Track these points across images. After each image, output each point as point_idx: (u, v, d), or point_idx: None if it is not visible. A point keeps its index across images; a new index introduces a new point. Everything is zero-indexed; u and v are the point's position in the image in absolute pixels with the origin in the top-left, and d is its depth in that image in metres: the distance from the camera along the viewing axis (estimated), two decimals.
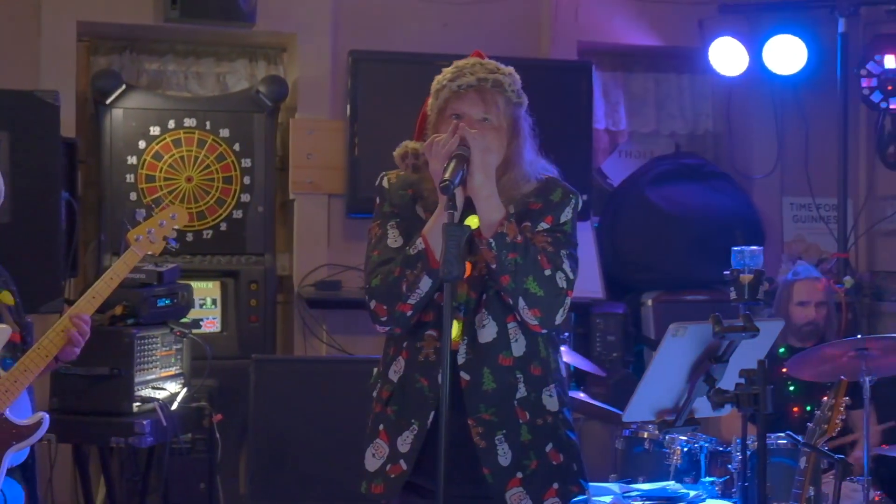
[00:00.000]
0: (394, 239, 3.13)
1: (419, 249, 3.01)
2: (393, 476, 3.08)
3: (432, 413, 3.03)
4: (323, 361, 5.81)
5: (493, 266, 2.99)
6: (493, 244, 2.97)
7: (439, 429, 2.81)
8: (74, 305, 3.85)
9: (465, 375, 3.04)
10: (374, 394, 3.18)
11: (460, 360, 3.03)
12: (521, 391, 3.07)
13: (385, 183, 3.21)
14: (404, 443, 3.07)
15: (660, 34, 6.74)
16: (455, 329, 3.03)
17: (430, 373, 3.05)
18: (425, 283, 3.01)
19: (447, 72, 3.14)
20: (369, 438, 3.15)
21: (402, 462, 3.07)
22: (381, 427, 3.13)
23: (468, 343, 3.05)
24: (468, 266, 3.02)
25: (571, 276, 3.06)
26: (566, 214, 3.12)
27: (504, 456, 3.05)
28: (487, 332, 3.06)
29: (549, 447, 3.10)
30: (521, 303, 3.00)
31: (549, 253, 3.04)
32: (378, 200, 3.21)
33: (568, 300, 3.05)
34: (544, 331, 3.08)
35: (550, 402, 3.11)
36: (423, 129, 3.20)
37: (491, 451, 3.04)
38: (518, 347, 3.08)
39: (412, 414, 3.07)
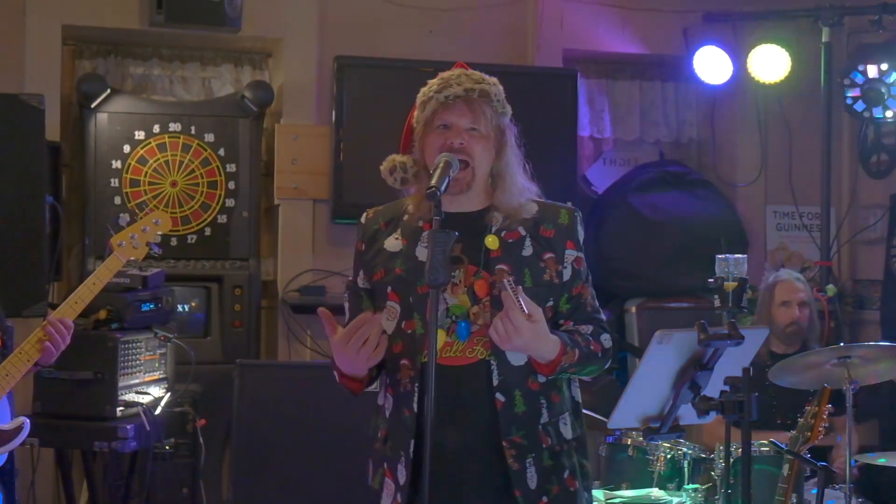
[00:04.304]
0: (346, 313, 3.19)
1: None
2: None
3: (412, 441, 3.03)
4: (307, 367, 5.78)
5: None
6: (556, 377, 3.07)
7: (423, 443, 2.84)
8: (56, 310, 3.84)
9: (500, 397, 3.02)
10: (377, 434, 3.16)
11: (495, 381, 3.02)
12: (545, 416, 3.08)
13: (363, 219, 3.23)
14: (401, 476, 3.07)
15: (645, 42, 6.76)
16: (440, 338, 3.00)
17: (409, 403, 3.05)
18: None
19: (433, 83, 3.13)
20: (380, 479, 3.14)
21: (398, 495, 3.07)
22: (385, 465, 3.13)
23: (499, 364, 3.03)
24: (485, 284, 3.02)
25: (607, 325, 3.18)
26: (580, 233, 3.21)
27: (532, 479, 3.04)
28: (520, 355, 3.04)
29: (566, 473, 3.10)
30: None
31: (592, 317, 3.14)
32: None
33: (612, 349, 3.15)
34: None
35: (565, 429, 3.12)
36: (409, 141, 3.20)
37: (522, 473, 3.03)
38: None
39: (399, 446, 3.07)
